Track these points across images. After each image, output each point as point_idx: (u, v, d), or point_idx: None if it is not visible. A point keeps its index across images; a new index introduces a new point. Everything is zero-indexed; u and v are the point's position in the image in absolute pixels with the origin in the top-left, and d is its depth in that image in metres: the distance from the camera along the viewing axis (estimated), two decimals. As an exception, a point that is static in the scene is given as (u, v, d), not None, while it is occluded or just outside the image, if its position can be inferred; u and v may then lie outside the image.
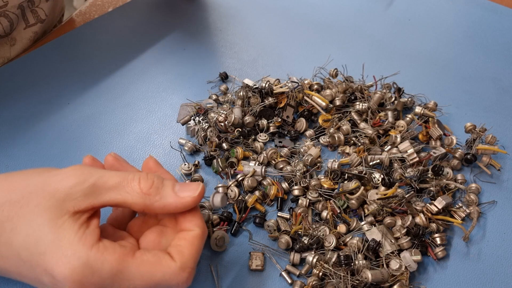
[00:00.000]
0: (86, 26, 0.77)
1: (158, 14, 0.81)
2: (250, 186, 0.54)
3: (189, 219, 0.40)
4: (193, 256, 0.38)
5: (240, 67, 0.72)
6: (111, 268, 0.35)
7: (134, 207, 0.38)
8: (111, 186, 0.38)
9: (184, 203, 0.39)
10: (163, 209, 0.39)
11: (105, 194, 0.37)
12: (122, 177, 0.38)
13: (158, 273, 0.36)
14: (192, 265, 0.38)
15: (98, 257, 0.35)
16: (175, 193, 0.39)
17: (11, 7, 0.63)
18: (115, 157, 0.44)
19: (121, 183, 0.38)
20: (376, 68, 0.69)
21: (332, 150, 0.61)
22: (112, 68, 0.69)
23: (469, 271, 0.51)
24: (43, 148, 0.57)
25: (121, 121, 0.62)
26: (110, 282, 0.35)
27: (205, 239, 0.40)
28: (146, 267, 0.36)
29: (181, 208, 0.39)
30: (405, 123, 0.61)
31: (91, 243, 0.35)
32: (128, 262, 0.36)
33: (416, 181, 0.54)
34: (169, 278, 0.36)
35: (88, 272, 0.34)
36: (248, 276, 0.48)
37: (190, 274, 0.37)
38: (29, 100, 0.63)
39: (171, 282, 0.37)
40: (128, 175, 0.39)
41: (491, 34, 0.86)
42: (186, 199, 0.39)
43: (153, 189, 0.38)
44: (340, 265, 0.47)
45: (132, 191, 0.38)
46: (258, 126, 0.60)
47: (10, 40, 0.66)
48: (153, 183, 0.39)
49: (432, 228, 0.52)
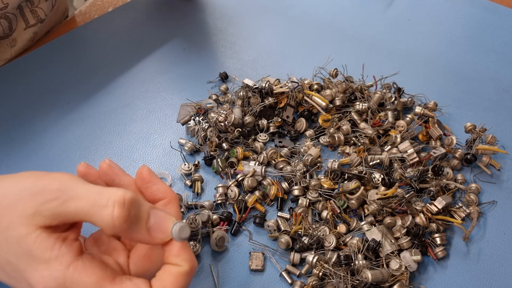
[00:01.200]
0: (86, 26, 0.77)
1: (158, 14, 0.81)
2: (250, 186, 0.54)
3: (175, 253, 0.36)
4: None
5: (240, 67, 0.72)
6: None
7: (105, 232, 0.36)
8: (80, 208, 0.34)
9: (154, 243, 0.36)
10: (132, 240, 0.38)
11: (74, 215, 0.34)
12: (93, 199, 0.34)
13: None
14: None
15: (75, 278, 0.33)
16: (147, 229, 0.36)
17: (11, 9, 0.63)
18: (109, 164, 0.41)
19: (92, 208, 0.34)
20: (376, 68, 0.69)
21: (332, 150, 0.61)
22: (112, 68, 0.69)
23: (469, 271, 0.51)
24: (43, 148, 0.57)
25: (121, 121, 0.62)
26: None
27: (193, 274, 0.37)
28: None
29: (153, 244, 0.37)
30: (405, 123, 0.61)
31: (68, 261, 0.34)
32: (107, 287, 0.34)
33: (416, 181, 0.54)
34: None
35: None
36: (248, 276, 0.48)
37: None
38: (29, 100, 0.63)
39: None
40: (102, 198, 0.34)
41: (491, 34, 0.86)
42: (156, 240, 0.36)
43: (125, 225, 0.34)
44: (340, 265, 0.47)
45: (102, 221, 0.34)
46: (258, 126, 0.60)
47: (11, 41, 0.66)
48: (128, 215, 0.34)
49: (432, 228, 0.52)
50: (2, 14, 0.62)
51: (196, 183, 0.54)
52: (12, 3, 0.62)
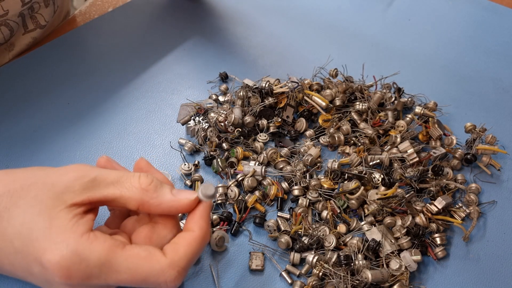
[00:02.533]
0: (86, 26, 0.77)
1: (158, 14, 0.81)
2: (250, 186, 0.54)
3: (194, 220, 0.40)
4: (187, 256, 0.38)
5: (240, 67, 0.72)
6: (99, 257, 0.35)
7: (130, 203, 0.39)
8: (110, 181, 0.38)
9: (181, 204, 0.40)
10: (158, 207, 0.39)
11: (103, 188, 0.38)
12: (122, 173, 0.39)
13: (146, 267, 0.36)
14: (183, 265, 0.37)
15: (87, 246, 0.35)
16: (172, 194, 0.40)
17: (12, 16, 0.62)
18: (107, 159, 0.44)
19: (121, 178, 0.39)
20: (376, 68, 0.69)
21: (332, 150, 0.61)
22: (112, 68, 0.69)
23: (469, 271, 0.51)
24: (43, 148, 0.57)
25: (121, 121, 0.62)
26: (97, 271, 0.35)
27: (205, 243, 0.40)
28: (134, 260, 0.36)
29: (176, 208, 0.40)
30: (405, 123, 0.61)
31: (81, 231, 0.36)
32: (117, 254, 0.36)
33: (416, 181, 0.54)
34: (157, 274, 0.36)
35: (76, 260, 0.35)
36: (248, 276, 0.48)
37: (180, 274, 0.37)
38: (28, 100, 0.63)
39: (159, 279, 0.36)
40: (128, 172, 0.40)
41: (491, 34, 0.86)
42: (183, 200, 0.40)
43: (152, 186, 0.39)
44: (340, 265, 0.47)
45: (131, 186, 0.38)
46: (258, 126, 0.60)
47: (9, 45, 0.66)
48: (152, 181, 0.39)
49: (432, 228, 0.52)
50: (3, 21, 0.62)
51: (196, 183, 0.54)
52: (13, 10, 0.62)
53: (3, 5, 0.60)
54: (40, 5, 0.66)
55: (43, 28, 0.69)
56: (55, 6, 0.70)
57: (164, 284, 0.36)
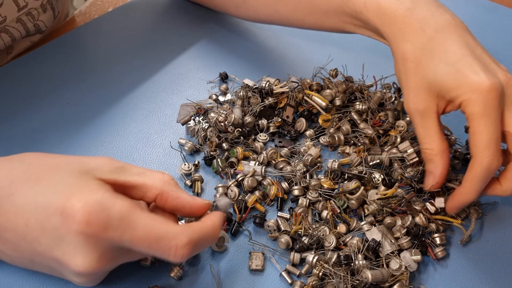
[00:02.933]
0: (86, 26, 0.77)
1: (158, 14, 0.81)
2: (250, 186, 0.54)
3: (209, 216, 0.43)
4: (199, 233, 0.40)
5: (240, 67, 0.72)
6: (121, 210, 0.37)
7: (151, 191, 0.41)
8: (135, 171, 0.42)
9: (196, 203, 0.43)
10: (176, 200, 0.42)
11: (128, 175, 0.41)
12: (146, 169, 0.43)
13: (162, 228, 0.38)
14: (195, 238, 0.39)
15: (111, 198, 0.37)
16: (188, 195, 0.43)
17: (10, 22, 0.62)
18: None
19: (146, 171, 0.42)
20: (376, 68, 0.69)
21: (332, 150, 0.61)
22: (112, 68, 0.69)
23: (469, 271, 0.51)
24: (43, 149, 0.57)
25: (121, 121, 0.62)
26: (116, 223, 0.36)
27: (214, 237, 0.42)
28: (151, 221, 0.38)
29: (190, 205, 0.42)
30: (405, 123, 0.61)
31: (107, 189, 0.38)
32: (137, 211, 0.38)
33: (416, 181, 0.54)
34: (170, 237, 0.38)
35: (98, 208, 0.36)
36: (248, 276, 0.48)
37: (190, 244, 0.38)
38: (28, 100, 0.63)
39: (170, 242, 0.37)
40: (151, 169, 0.44)
41: (491, 34, 0.86)
42: (199, 200, 0.43)
43: (173, 181, 0.43)
44: (340, 265, 0.47)
45: (154, 177, 0.42)
46: (258, 126, 0.60)
47: (7, 48, 0.66)
48: (173, 178, 0.43)
49: (432, 228, 0.52)
50: (2, 28, 0.62)
51: (196, 183, 0.54)
52: (10, 15, 0.62)
53: (0, 11, 0.60)
54: (38, 11, 0.65)
55: (42, 33, 0.69)
56: (56, 11, 0.70)
57: (174, 249, 0.38)
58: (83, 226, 0.36)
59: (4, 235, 0.39)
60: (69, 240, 0.37)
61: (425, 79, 0.49)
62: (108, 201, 0.37)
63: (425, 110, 0.49)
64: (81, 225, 0.36)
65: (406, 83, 0.50)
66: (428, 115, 0.49)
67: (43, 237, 0.38)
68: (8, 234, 0.39)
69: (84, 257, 0.37)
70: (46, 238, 0.38)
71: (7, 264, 0.43)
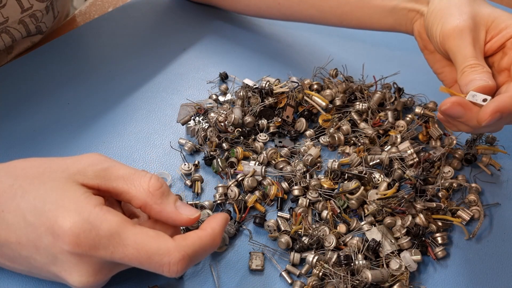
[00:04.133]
0: (86, 26, 0.77)
1: (158, 14, 0.81)
2: (250, 186, 0.54)
3: (209, 222, 0.42)
4: (194, 246, 0.38)
5: (240, 67, 0.72)
6: (110, 228, 0.36)
7: (134, 201, 0.40)
8: (121, 175, 0.40)
9: (179, 218, 0.40)
10: (159, 214, 0.40)
11: (113, 180, 0.40)
12: (134, 170, 0.41)
13: (153, 245, 0.37)
14: (189, 253, 0.38)
15: (99, 216, 0.36)
16: (175, 206, 0.41)
17: (12, 23, 0.62)
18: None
19: (132, 175, 0.40)
20: (376, 68, 0.69)
21: (332, 150, 0.61)
22: (112, 68, 0.69)
23: (469, 271, 0.51)
24: (43, 148, 0.57)
25: (121, 121, 0.62)
26: (106, 242, 0.36)
27: (214, 245, 0.40)
28: (143, 237, 0.37)
29: (174, 220, 0.40)
30: (405, 123, 0.61)
31: (94, 203, 0.37)
32: (127, 228, 0.37)
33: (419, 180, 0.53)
34: (162, 254, 0.36)
35: (87, 227, 0.35)
36: (248, 276, 0.48)
37: (184, 259, 0.37)
38: (28, 100, 0.63)
39: (163, 259, 0.36)
40: (140, 171, 0.41)
41: (491, 34, 0.86)
42: (183, 216, 0.40)
43: (159, 192, 0.40)
44: (340, 265, 0.47)
45: (139, 185, 0.40)
46: (258, 126, 0.60)
47: (8, 48, 0.66)
48: (161, 186, 0.40)
49: (432, 228, 0.52)
50: (3, 28, 0.62)
51: (196, 183, 0.54)
52: (13, 16, 0.62)
53: (3, 12, 0.60)
54: (42, 13, 0.65)
55: (43, 33, 0.69)
56: (55, 11, 0.70)
57: (167, 266, 0.37)
58: (73, 247, 0.35)
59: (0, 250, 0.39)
60: (62, 259, 0.37)
61: (476, 8, 0.50)
62: (97, 218, 0.36)
63: (472, 29, 0.49)
64: (71, 246, 0.35)
65: (452, 9, 0.50)
66: (477, 36, 0.49)
67: (37, 255, 0.38)
68: (4, 249, 0.39)
69: (80, 274, 0.37)
70: (41, 256, 0.37)
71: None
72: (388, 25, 0.61)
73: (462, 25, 0.49)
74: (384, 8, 0.60)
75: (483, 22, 0.50)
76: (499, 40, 0.49)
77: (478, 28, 0.49)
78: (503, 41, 0.49)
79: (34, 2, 0.63)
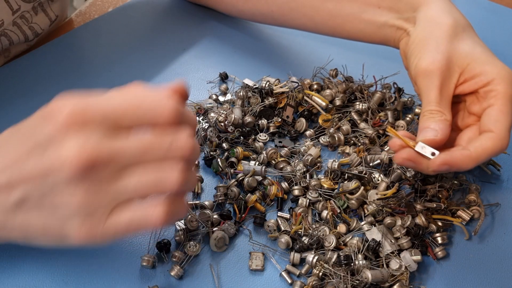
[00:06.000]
0: (86, 26, 0.76)
1: (158, 14, 0.81)
2: (250, 186, 0.54)
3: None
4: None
5: (240, 67, 0.72)
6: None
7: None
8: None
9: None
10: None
11: None
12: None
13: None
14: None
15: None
16: None
17: (8, 25, 0.62)
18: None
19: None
20: (376, 68, 0.69)
21: (332, 150, 0.61)
22: (112, 68, 0.69)
23: (469, 271, 0.51)
24: (43, 148, 0.57)
25: (121, 121, 0.62)
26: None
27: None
28: None
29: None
30: (405, 123, 0.61)
31: None
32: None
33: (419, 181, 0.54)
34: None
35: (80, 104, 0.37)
36: (248, 276, 0.48)
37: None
38: (28, 100, 0.63)
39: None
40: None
41: (491, 34, 0.86)
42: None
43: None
44: (340, 265, 0.47)
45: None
46: (258, 126, 0.60)
47: (4, 51, 0.66)
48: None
49: (432, 228, 0.52)
50: (1, 32, 0.62)
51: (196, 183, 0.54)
52: (7, 19, 0.62)
53: None
54: (30, 14, 0.65)
55: (38, 36, 0.69)
56: (51, 14, 0.69)
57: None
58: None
59: None
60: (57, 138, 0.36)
61: (455, 46, 0.49)
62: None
63: (443, 71, 0.48)
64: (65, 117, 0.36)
65: (431, 44, 0.50)
66: (447, 78, 0.49)
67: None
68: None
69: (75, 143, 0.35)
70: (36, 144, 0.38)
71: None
72: (378, 39, 0.61)
73: (433, 66, 0.48)
74: (375, 23, 0.59)
75: (459, 63, 0.49)
76: (472, 86, 0.49)
77: (451, 70, 0.49)
78: (476, 88, 0.49)
79: (21, 3, 0.63)
